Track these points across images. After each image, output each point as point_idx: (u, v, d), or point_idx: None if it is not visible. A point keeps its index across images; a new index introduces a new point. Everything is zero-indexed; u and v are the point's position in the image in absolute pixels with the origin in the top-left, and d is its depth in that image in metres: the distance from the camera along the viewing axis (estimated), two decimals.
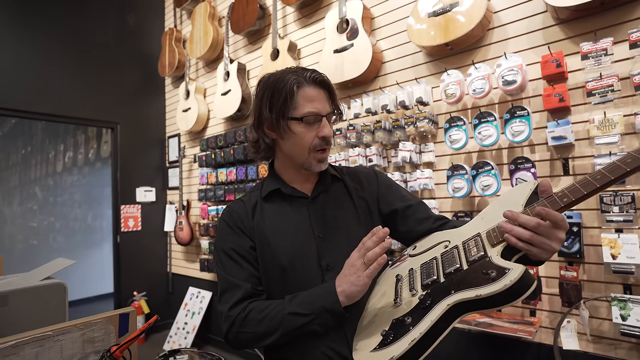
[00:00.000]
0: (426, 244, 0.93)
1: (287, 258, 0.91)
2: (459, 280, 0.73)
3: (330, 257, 0.92)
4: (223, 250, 0.94)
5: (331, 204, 0.98)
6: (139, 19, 3.98)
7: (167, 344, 3.44)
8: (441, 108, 1.96)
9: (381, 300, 0.87)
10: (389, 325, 0.78)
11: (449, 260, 0.79)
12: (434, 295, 0.74)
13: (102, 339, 0.83)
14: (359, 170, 1.09)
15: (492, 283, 0.66)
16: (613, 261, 1.38)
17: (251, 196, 1.01)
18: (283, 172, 1.00)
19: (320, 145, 0.91)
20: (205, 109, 3.47)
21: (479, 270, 0.71)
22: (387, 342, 0.74)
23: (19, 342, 0.68)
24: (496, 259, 0.71)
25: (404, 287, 0.84)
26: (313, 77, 0.90)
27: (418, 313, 0.74)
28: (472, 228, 0.85)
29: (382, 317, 0.82)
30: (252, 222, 0.95)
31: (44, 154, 5.40)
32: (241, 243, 0.93)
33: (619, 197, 1.40)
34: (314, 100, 0.89)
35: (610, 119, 1.42)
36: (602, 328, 1.48)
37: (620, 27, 1.46)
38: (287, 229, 0.94)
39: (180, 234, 3.56)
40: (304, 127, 0.89)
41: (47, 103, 3.32)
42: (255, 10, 2.85)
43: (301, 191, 0.98)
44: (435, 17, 1.82)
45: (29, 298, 1.04)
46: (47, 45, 3.33)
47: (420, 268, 0.85)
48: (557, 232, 0.68)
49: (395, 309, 0.80)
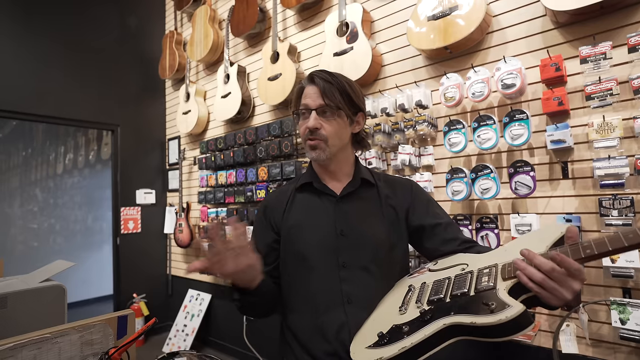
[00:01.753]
0: (447, 263, 0.95)
1: (308, 249, 0.98)
2: (461, 304, 0.75)
3: (347, 255, 0.97)
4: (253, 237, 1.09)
5: (359, 207, 1.03)
6: (139, 21, 3.99)
7: (167, 346, 3.44)
8: (440, 111, 1.96)
9: (390, 305, 0.91)
10: (388, 328, 0.81)
11: (459, 283, 0.82)
12: (435, 312, 0.77)
13: (101, 342, 0.83)
14: (396, 180, 1.13)
15: (489, 315, 0.68)
16: (612, 265, 1.38)
17: (287, 186, 1.13)
18: (316, 168, 1.09)
19: (307, 136, 1.00)
20: (206, 111, 3.48)
21: (482, 300, 0.72)
22: (381, 343, 0.79)
23: (16, 344, 0.68)
24: (502, 293, 0.72)
25: (412, 298, 0.87)
26: (309, 76, 1.02)
27: (416, 324, 0.77)
28: (492, 257, 0.86)
29: (385, 320, 0.86)
30: (282, 211, 1.05)
31: (45, 156, 5.41)
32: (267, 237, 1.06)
33: (618, 200, 1.40)
34: (306, 96, 1.01)
35: (609, 123, 1.42)
36: (602, 332, 1.47)
37: (619, 31, 1.47)
38: (312, 222, 1.01)
39: (180, 236, 3.56)
40: (301, 120, 1.02)
41: (47, 105, 3.33)
42: (255, 13, 2.87)
43: (331, 189, 1.05)
44: (435, 21, 1.82)
45: (28, 300, 1.04)
46: (48, 47, 3.34)
47: (433, 284, 0.88)
48: (571, 281, 0.67)
49: (399, 315, 0.84)
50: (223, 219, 0.86)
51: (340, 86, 1.00)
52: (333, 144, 1.00)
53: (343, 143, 1.04)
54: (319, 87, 0.99)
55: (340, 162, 1.06)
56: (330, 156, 1.01)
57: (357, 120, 1.06)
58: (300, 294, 0.99)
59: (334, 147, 1.01)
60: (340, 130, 1.01)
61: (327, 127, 0.99)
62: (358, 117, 1.06)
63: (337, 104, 0.98)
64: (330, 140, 0.99)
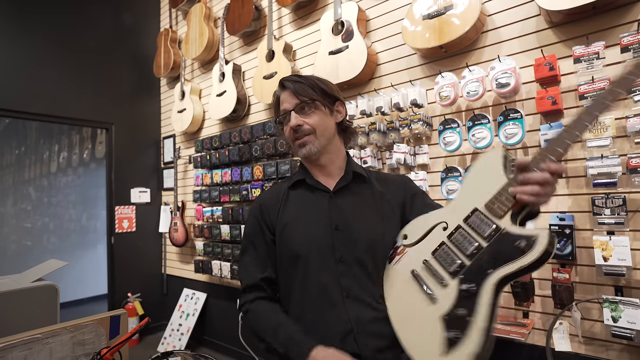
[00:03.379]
0: (417, 233, 0.94)
1: (304, 247, 0.98)
2: (489, 258, 0.75)
3: (343, 249, 0.97)
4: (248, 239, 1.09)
5: (351, 200, 1.04)
6: (134, 19, 3.96)
7: (162, 346, 3.42)
8: (435, 110, 1.96)
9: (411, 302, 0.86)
10: (442, 324, 0.77)
11: (461, 242, 0.81)
12: (470, 279, 0.76)
13: (93, 342, 0.83)
14: (389, 176, 1.16)
15: (529, 252, 0.71)
16: (604, 263, 1.39)
17: (281, 184, 1.13)
18: (308, 166, 1.10)
19: (293, 135, 1.02)
20: (201, 110, 3.46)
21: (504, 243, 0.75)
22: (455, 341, 0.74)
23: (6, 345, 0.67)
24: (513, 229, 0.76)
25: (430, 281, 0.84)
26: (279, 84, 1.06)
27: (467, 301, 0.75)
28: (461, 206, 0.87)
29: (423, 318, 0.81)
30: (277, 210, 1.05)
31: (38, 154, 5.36)
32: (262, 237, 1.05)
33: (611, 199, 1.41)
34: (283, 102, 1.04)
35: (602, 122, 1.43)
36: (594, 330, 1.49)
37: (612, 31, 1.48)
38: (307, 218, 1.02)
39: (175, 235, 3.55)
40: (285, 125, 1.04)
41: (41, 103, 3.29)
42: (250, 11, 2.85)
43: (324, 184, 1.05)
44: (430, 20, 1.83)
45: (20, 300, 1.03)
46: (42, 45, 3.31)
47: (435, 257, 0.85)
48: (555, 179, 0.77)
49: (434, 306, 0.80)
50: None
51: (309, 82, 1.03)
52: (321, 134, 1.02)
53: (330, 133, 1.05)
54: (290, 89, 1.02)
55: (331, 154, 1.07)
56: (320, 148, 1.02)
57: (337, 109, 1.08)
58: (298, 291, 0.99)
59: (322, 137, 1.02)
60: (322, 120, 1.03)
61: (309, 120, 1.01)
62: (337, 106, 1.08)
63: (311, 96, 1.01)
64: (317, 131, 1.01)
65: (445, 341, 0.75)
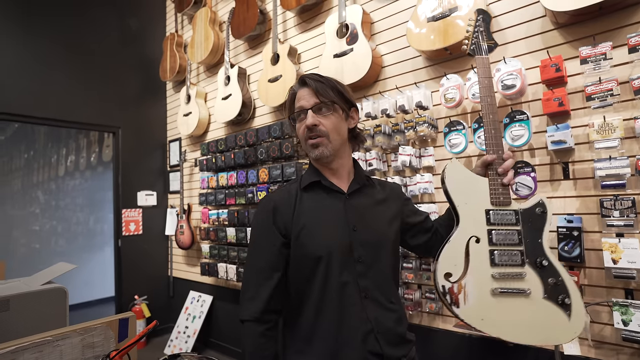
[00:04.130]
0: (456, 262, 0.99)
1: (325, 248, 0.98)
2: (532, 233, 0.96)
3: (362, 249, 1.00)
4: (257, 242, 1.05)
5: (365, 202, 1.07)
6: (140, 24, 4.00)
7: (168, 348, 3.44)
8: (441, 112, 1.96)
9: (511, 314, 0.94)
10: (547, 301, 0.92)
11: (503, 239, 0.96)
12: (534, 256, 0.95)
13: (102, 344, 0.83)
14: (387, 183, 1.21)
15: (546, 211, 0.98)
16: (614, 266, 1.38)
17: (290, 187, 1.10)
18: (319, 167, 1.09)
19: (308, 134, 1.01)
20: (206, 113, 3.49)
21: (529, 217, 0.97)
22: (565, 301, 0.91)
23: (18, 347, 0.68)
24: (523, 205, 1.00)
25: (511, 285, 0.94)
26: (299, 80, 1.06)
27: (546, 271, 0.93)
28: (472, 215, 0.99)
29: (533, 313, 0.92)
30: (291, 212, 1.03)
31: (47, 158, 5.42)
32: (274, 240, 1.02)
33: (620, 201, 1.40)
34: (300, 99, 1.03)
35: (610, 123, 1.42)
36: (604, 333, 1.47)
37: (619, 32, 1.47)
38: (325, 219, 1.02)
39: (181, 238, 3.57)
40: (298, 123, 1.04)
41: (49, 108, 3.34)
42: (255, 15, 2.87)
43: (338, 186, 1.06)
44: (435, 22, 1.82)
45: (30, 302, 1.04)
46: (50, 50, 3.36)
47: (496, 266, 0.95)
48: None
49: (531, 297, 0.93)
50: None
51: (330, 83, 1.03)
52: (334, 139, 1.02)
53: (343, 138, 1.06)
54: (311, 87, 1.01)
55: (343, 159, 1.07)
56: (333, 152, 1.02)
57: (352, 115, 1.09)
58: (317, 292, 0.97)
59: (335, 141, 1.02)
60: (338, 124, 1.03)
61: (325, 122, 1.00)
62: (352, 112, 1.09)
63: (332, 99, 1.01)
64: (331, 135, 1.01)
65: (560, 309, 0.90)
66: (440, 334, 1.90)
